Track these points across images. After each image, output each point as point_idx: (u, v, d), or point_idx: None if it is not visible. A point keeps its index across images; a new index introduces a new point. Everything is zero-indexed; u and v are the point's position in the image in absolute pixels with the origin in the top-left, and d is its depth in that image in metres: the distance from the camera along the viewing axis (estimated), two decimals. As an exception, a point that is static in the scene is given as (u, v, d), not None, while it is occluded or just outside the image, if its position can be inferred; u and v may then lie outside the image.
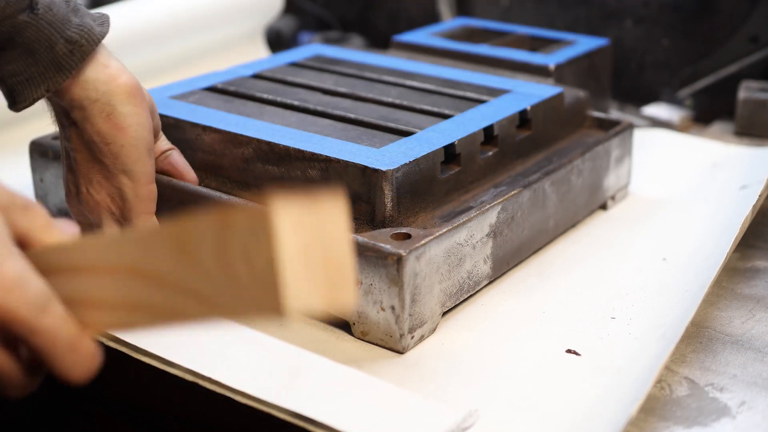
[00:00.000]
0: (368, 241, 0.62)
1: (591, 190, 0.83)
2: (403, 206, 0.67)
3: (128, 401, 0.76)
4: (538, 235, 0.76)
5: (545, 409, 0.58)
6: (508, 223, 0.72)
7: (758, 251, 0.82)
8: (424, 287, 0.63)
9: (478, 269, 0.69)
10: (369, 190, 0.66)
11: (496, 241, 0.70)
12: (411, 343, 0.64)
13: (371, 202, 0.66)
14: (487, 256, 0.70)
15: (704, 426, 0.57)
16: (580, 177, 0.80)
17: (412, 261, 0.61)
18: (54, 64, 0.63)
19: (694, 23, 1.16)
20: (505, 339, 0.66)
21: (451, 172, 0.71)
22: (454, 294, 0.67)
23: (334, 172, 0.67)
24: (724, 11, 1.14)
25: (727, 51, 1.13)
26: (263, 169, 0.71)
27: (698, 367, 0.64)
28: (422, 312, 0.64)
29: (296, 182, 0.69)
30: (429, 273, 0.63)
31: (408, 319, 0.62)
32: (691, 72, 1.15)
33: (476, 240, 0.68)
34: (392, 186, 0.66)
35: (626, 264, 0.77)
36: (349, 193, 0.66)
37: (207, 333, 0.64)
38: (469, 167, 0.73)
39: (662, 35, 1.18)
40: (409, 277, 0.61)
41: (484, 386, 0.60)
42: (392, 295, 0.61)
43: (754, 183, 0.87)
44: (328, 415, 0.55)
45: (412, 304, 0.62)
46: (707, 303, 0.72)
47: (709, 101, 1.15)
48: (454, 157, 0.72)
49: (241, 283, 0.39)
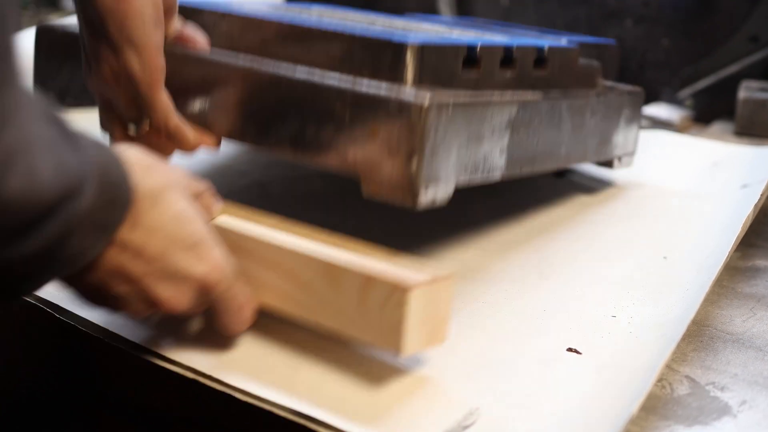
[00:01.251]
0: (393, 90, 0.62)
1: (601, 137, 0.84)
2: (424, 87, 0.66)
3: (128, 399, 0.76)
4: (550, 155, 0.77)
5: (546, 407, 0.58)
6: (526, 125, 0.72)
7: (759, 250, 0.82)
8: (443, 145, 0.62)
9: (494, 158, 0.69)
10: (392, 64, 0.66)
11: (513, 138, 0.70)
12: (424, 199, 0.62)
13: (393, 77, 0.66)
14: (503, 149, 0.69)
15: (705, 425, 0.57)
16: (593, 117, 0.81)
17: (434, 112, 0.61)
18: None
19: (694, 23, 1.16)
20: (505, 337, 0.66)
21: (471, 75, 0.71)
22: (469, 169, 0.66)
23: (357, 48, 0.67)
24: (724, 11, 1.14)
25: (727, 51, 1.13)
26: (282, 48, 0.71)
27: (699, 366, 0.64)
28: (438, 170, 0.63)
29: (316, 60, 0.68)
30: (449, 132, 0.63)
31: (425, 170, 0.61)
32: (691, 72, 1.15)
33: (495, 125, 0.68)
34: (416, 61, 0.65)
35: (627, 262, 0.77)
36: (370, 69, 0.66)
37: (207, 332, 0.64)
38: (487, 78, 0.73)
39: (662, 35, 1.18)
40: (431, 127, 0.60)
41: (484, 385, 0.60)
42: (411, 144, 0.60)
43: (755, 182, 0.87)
44: (329, 414, 0.55)
45: (430, 158, 0.61)
46: (708, 302, 0.72)
47: (709, 101, 1.15)
48: (475, 62, 0.72)
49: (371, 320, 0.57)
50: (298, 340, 0.64)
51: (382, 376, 0.61)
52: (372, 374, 0.61)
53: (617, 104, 0.85)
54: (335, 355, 0.63)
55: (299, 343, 0.64)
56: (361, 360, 0.62)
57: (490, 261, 0.77)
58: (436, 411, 0.57)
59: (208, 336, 0.64)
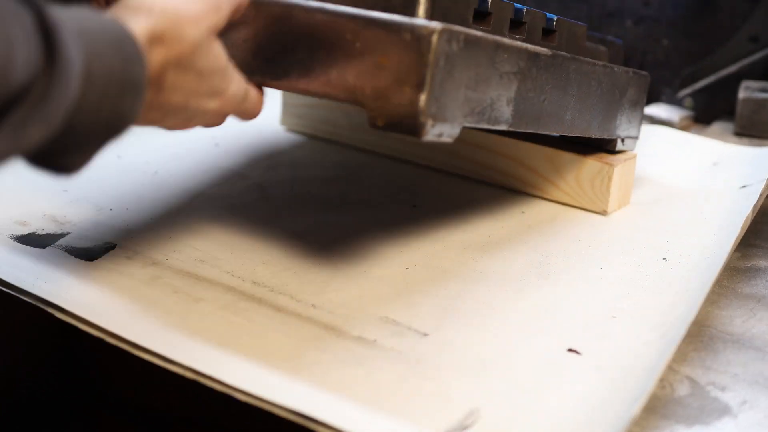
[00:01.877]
0: (404, 18, 0.61)
1: (606, 112, 0.83)
2: None
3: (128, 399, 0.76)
4: (556, 117, 0.76)
5: (546, 408, 0.58)
6: (534, 78, 0.71)
7: (759, 250, 0.82)
8: (452, 78, 0.62)
9: (501, 105, 0.68)
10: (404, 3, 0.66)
11: (520, 89, 0.70)
12: (430, 132, 0.61)
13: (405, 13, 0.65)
14: (510, 98, 0.69)
15: (706, 425, 0.57)
16: (599, 87, 0.81)
17: (444, 40, 0.60)
18: None
19: (694, 23, 1.16)
20: (505, 338, 0.66)
21: (480, 27, 0.71)
22: (476, 112, 0.65)
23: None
24: (725, 11, 1.14)
25: (727, 51, 1.13)
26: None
27: (699, 366, 0.64)
28: (446, 105, 0.62)
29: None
30: (458, 66, 0.62)
31: (433, 102, 0.60)
32: (691, 72, 1.15)
33: (504, 70, 0.67)
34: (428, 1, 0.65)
35: (627, 263, 0.77)
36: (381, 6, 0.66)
37: (207, 331, 0.64)
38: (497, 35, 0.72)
39: (662, 35, 1.18)
40: (441, 56, 0.60)
41: (484, 385, 0.60)
42: (420, 73, 0.59)
43: (754, 182, 0.87)
44: (329, 414, 0.55)
45: (439, 89, 0.60)
46: (708, 302, 0.72)
47: (709, 101, 1.15)
48: (485, 16, 0.71)
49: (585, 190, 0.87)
50: (298, 340, 0.65)
51: (382, 376, 0.61)
52: (372, 374, 0.61)
53: (623, 81, 0.84)
54: (335, 355, 0.63)
55: (299, 343, 0.64)
56: (361, 360, 0.62)
57: (490, 261, 0.77)
58: (436, 411, 0.57)
59: (209, 336, 0.64)
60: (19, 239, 0.77)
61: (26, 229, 0.79)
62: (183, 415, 0.75)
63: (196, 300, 0.69)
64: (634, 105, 0.87)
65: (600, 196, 0.86)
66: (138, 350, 0.62)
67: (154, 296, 0.69)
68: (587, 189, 0.86)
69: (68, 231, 0.79)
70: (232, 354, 0.62)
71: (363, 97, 0.62)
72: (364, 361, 0.62)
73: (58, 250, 0.75)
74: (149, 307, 0.67)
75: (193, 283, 0.71)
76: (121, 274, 0.72)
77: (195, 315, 0.67)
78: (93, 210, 0.84)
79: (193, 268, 0.74)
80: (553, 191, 0.89)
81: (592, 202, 0.86)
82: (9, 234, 0.78)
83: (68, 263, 0.73)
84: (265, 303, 0.69)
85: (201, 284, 0.71)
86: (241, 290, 0.71)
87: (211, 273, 0.73)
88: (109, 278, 0.71)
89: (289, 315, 0.68)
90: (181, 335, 0.64)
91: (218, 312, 0.68)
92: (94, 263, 0.74)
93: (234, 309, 0.68)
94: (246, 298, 0.70)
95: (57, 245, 0.76)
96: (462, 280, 0.74)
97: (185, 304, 0.68)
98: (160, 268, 0.73)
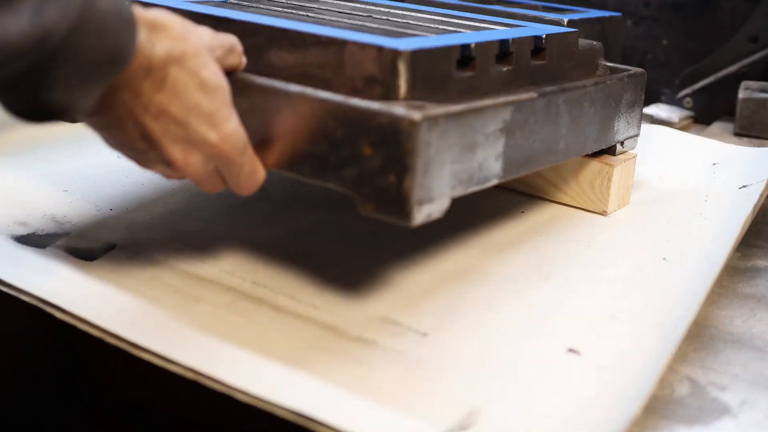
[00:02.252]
0: (383, 107, 0.61)
1: (602, 126, 0.83)
2: (417, 94, 0.66)
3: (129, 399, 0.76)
4: (548, 151, 0.76)
5: (546, 408, 0.58)
6: (521, 126, 0.71)
7: (759, 250, 0.82)
8: (436, 161, 0.62)
9: (489, 165, 0.68)
10: (384, 71, 0.65)
11: (508, 141, 0.70)
12: (418, 217, 0.62)
13: (385, 83, 0.65)
14: (498, 154, 0.69)
15: (706, 425, 0.57)
16: (592, 106, 0.81)
17: (425, 128, 0.60)
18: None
19: (694, 23, 1.16)
20: (505, 338, 0.66)
21: (466, 74, 0.71)
22: (464, 181, 0.66)
23: (349, 56, 0.66)
24: (725, 11, 1.14)
25: (727, 51, 1.13)
26: (276, 56, 0.70)
27: (699, 366, 0.64)
28: (432, 187, 0.62)
29: (309, 69, 0.68)
30: (441, 147, 0.62)
31: (418, 189, 0.61)
32: (691, 72, 1.15)
33: (489, 130, 0.67)
34: (408, 67, 0.65)
35: (627, 263, 0.77)
36: (363, 77, 0.66)
37: (207, 331, 0.64)
38: (483, 76, 0.72)
39: (662, 35, 1.18)
40: (422, 144, 0.60)
41: (484, 386, 0.60)
42: (403, 162, 0.60)
43: (754, 182, 0.87)
44: (329, 414, 0.55)
45: (423, 174, 0.61)
46: (708, 302, 0.72)
47: (709, 101, 1.15)
48: (469, 62, 0.71)
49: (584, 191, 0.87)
50: (298, 340, 0.65)
51: (382, 376, 0.61)
52: (372, 375, 0.61)
53: (618, 89, 0.84)
54: (335, 355, 0.63)
55: (299, 343, 0.64)
56: (361, 360, 0.62)
57: (489, 261, 0.77)
58: (436, 411, 0.57)
59: (209, 336, 0.64)
60: (19, 239, 0.77)
61: (26, 229, 0.79)
62: (183, 415, 0.75)
63: (196, 300, 0.69)
64: (632, 107, 0.87)
65: (600, 197, 0.86)
66: (138, 350, 0.62)
67: (154, 296, 0.69)
68: (587, 189, 0.86)
69: (68, 231, 0.79)
70: (232, 354, 0.62)
71: (350, 184, 0.63)
72: (364, 361, 0.62)
73: (58, 250, 0.75)
74: (149, 307, 0.67)
75: (193, 283, 0.71)
76: (121, 274, 0.72)
77: (195, 315, 0.67)
78: (93, 210, 0.84)
79: (193, 267, 0.74)
80: (553, 192, 0.89)
81: (592, 202, 0.86)
82: (9, 234, 0.78)
83: (68, 263, 0.73)
84: (265, 303, 0.69)
85: (201, 284, 0.71)
86: (241, 290, 0.71)
87: (211, 273, 0.73)
88: (109, 278, 0.71)
89: (289, 315, 0.68)
90: (181, 335, 0.64)
91: (218, 312, 0.68)
92: (94, 263, 0.74)
93: (234, 309, 0.68)
94: (246, 298, 0.70)
95: (57, 245, 0.76)
96: (462, 280, 0.74)
97: (185, 304, 0.68)
98: (160, 268, 0.73)
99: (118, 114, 0.58)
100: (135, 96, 0.58)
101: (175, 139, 0.59)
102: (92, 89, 0.55)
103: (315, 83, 0.67)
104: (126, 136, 0.59)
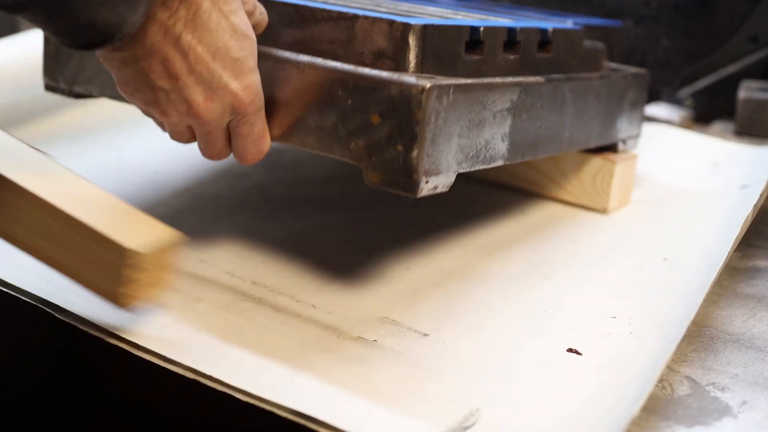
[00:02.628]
0: (393, 75, 0.61)
1: (605, 121, 0.83)
2: (426, 69, 0.66)
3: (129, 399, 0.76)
4: (553, 139, 0.76)
5: (546, 408, 0.58)
6: (528, 108, 0.71)
7: (759, 250, 0.82)
8: (444, 132, 0.62)
9: (496, 143, 0.68)
10: (395, 45, 0.65)
11: (515, 122, 0.70)
12: (425, 188, 0.62)
13: (396, 57, 0.65)
14: (505, 134, 0.69)
15: (706, 425, 0.57)
16: (597, 100, 0.81)
17: (434, 97, 0.60)
18: None
19: (694, 23, 1.16)
20: (505, 338, 0.66)
21: (474, 57, 0.70)
22: (471, 157, 0.66)
23: (359, 30, 0.66)
24: (725, 11, 1.14)
25: (727, 51, 1.13)
26: (287, 33, 0.70)
27: (699, 367, 0.64)
28: (439, 159, 0.62)
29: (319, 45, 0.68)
30: (450, 118, 0.62)
31: (425, 159, 0.61)
32: (691, 71, 1.15)
33: (497, 109, 0.67)
34: (419, 42, 0.65)
35: (627, 263, 0.77)
36: (372, 51, 0.66)
37: (207, 331, 0.64)
38: (490, 61, 0.72)
39: (662, 35, 1.18)
40: (431, 113, 0.60)
41: (484, 386, 0.60)
42: (411, 131, 0.60)
43: (754, 182, 0.87)
44: (329, 414, 0.55)
45: (431, 145, 0.61)
46: (708, 302, 0.72)
47: (709, 101, 1.15)
48: (477, 45, 0.71)
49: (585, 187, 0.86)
50: (298, 340, 0.64)
51: (382, 376, 0.61)
52: (372, 375, 0.61)
53: (621, 86, 0.85)
54: (335, 355, 0.63)
55: (299, 344, 0.64)
56: (361, 360, 0.62)
57: (489, 261, 0.77)
58: (436, 411, 0.57)
59: (209, 336, 0.64)
60: (19, 239, 0.77)
61: (26, 229, 0.79)
62: (183, 415, 0.75)
63: (196, 300, 0.69)
64: (634, 106, 0.87)
65: (601, 194, 0.86)
66: (138, 350, 0.62)
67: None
68: (588, 186, 0.86)
69: (68, 231, 0.79)
70: (232, 354, 0.62)
71: (357, 155, 0.63)
72: (364, 361, 0.62)
73: (58, 250, 0.75)
74: (149, 307, 0.67)
75: (193, 283, 0.71)
76: (121, 274, 0.72)
77: (195, 315, 0.67)
78: (93, 210, 0.83)
79: (193, 267, 0.74)
80: (553, 188, 0.89)
81: (593, 199, 0.86)
82: (9, 234, 0.78)
83: (68, 263, 0.73)
84: (265, 303, 0.69)
85: (201, 284, 0.71)
86: (241, 290, 0.71)
87: (211, 273, 0.73)
88: (109, 278, 0.71)
89: (289, 315, 0.68)
90: (181, 335, 0.64)
91: (218, 312, 0.68)
92: (94, 263, 0.74)
93: (234, 309, 0.68)
94: (246, 298, 0.70)
95: (57, 245, 0.76)
96: (462, 280, 0.74)
97: (185, 304, 0.68)
98: (160, 268, 0.73)
99: (148, 46, 0.57)
100: (166, 28, 0.57)
101: (199, 80, 0.59)
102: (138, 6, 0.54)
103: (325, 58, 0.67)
104: (151, 72, 0.59)
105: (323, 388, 0.59)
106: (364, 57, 0.66)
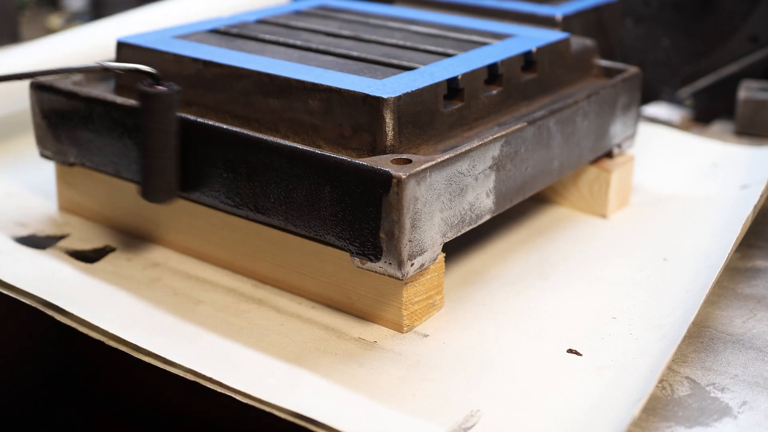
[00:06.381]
0: (368, 164, 0.61)
1: (597, 135, 0.83)
2: (404, 137, 0.66)
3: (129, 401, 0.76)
4: (541, 174, 0.76)
5: (546, 408, 0.58)
6: (512, 158, 0.71)
7: (759, 251, 0.82)
8: (425, 213, 0.63)
9: (481, 202, 0.69)
10: (370, 119, 0.65)
11: (499, 175, 0.70)
12: (411, 270, 0.63)
13: (372, 131, 0.65)
14: (489, 190, 0.69)
15: (706, 426, 0.57)
16: (585, 119, 0.81)
17: (412, 185, 0.61)
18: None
19: (694, 22, 1.16)
20: (506, 339, 0.66)
21: (453, 107, 0.70)
22: (455, 225, 0.66)
23: (335, 103, 0.67)
24: (725, 11, 1.14)
25: (727, 50, 1.13)
26: (264, 102, 0.71)
27: (699, 367, 0.64)
28: (422, 239, 0.63)
29: (297, 115, 0.68)
30: (430, 199, 0.63)
31: (408, 245, 0.61)
32: (691, 71, 1.15)
33: (478, 171, 0.67)
34: (394, 114, 0.65)
35: (627, 264, 0.77)
36: (350, 124, 0.66)
37: (208, 333, 0.64)
38: (472, 104, 0.72)
39: (663, 34, 1.18)
40: (409, 201, 0.61)
41: (484, 386, 0.60)
42: (392, 220, 0.61)
43: (754, 183, 0.87)
44: (329, 415, 0.55)
45: (411, 230, 0.62)
46: (708, 303, 0.72)
47: (709, 101, 1.15)
48: (457, 92, 0.71)
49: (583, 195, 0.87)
50: (298, 341, 0.65)
51: (382, 377, 0.61)
52: (372, 376, 0.61)
53: (612, 96, 0.84)
54: (336, 356, 0.63)
55: (300, 345, 0.64)
56: (361, 361, 0.62)
57: (490, 262, 0.77)
58: (437, 412, 0.57)
59: (209, 338, 0.64)
60: (19, 240, 0.77)
61: (26, 231, 0.79)
62: (183, 415, 0.75)
63: (197, 302, 0.69)
64: (627, 108, 0.87)
65: (599, 201, 0.86)
66: (138, 352, 0.62)
67: (155, 298, 0.69)
68: (586, 194, 0.86)
69: (68, 233, 0.79)
70: (232, 355, 0.62)
71: (342, 241, 0.64)
72: (364, 362, 0.62)
73: (59, 252, 0.75)
74: (149, 309, 0.67)
75: (194, 285, 0.71)
76: (121, 277, 0.72)
77: (196, 317, 0.67)
78: (93, 211, 0.84)
79: (194, 269, 0.74)
80: (553, 197, 0.89)
81: (592, 207, 0.86)
82: (9, 235, 0.78)
83: (68, 265, 0.73)
84: (265, 304, 0.69)
85: (201, 286, 0.71)
86: (242, 292, 0.71)
87: (211, 275, 0.73)
88: (109, 280, 0.71)
89: (289, 316, 0.68)
90: (181, 337, 0.64)
91: (219, 314, 0.68)
92: (94, 265, 0.74)
93: (234, 311, 0.68)
94: (246, 300, 0.70)
95: (57, 247, 0.76)
96: (462, 280, 0.74)
97: (186, 306, 0.68)
98: (160, 270, 0.73)
99: None
100: None
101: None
102: None
103: (304, 129, 0.68)
104: None
105: (323, 389, 0.59)
106: (342, 129, 0.66)
